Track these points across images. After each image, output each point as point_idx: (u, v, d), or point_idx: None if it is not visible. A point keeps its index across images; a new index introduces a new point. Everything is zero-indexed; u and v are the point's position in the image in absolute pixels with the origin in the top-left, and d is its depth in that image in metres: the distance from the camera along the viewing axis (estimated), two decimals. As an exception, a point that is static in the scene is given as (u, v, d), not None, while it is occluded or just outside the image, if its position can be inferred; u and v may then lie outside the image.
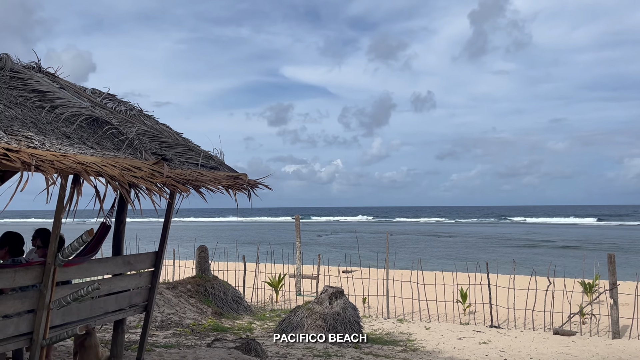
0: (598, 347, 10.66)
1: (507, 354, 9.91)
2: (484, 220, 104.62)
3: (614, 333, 11.73)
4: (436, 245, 44.89)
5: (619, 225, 79.51)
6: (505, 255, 33.02)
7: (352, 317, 10.42)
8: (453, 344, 10.77)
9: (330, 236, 57.17)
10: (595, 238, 51.30)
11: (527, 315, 13.06)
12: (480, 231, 66.13)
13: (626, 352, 10.28)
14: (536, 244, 45.70)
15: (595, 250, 30.28)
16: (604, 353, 10.15)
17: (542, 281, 13.37)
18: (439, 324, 12.88)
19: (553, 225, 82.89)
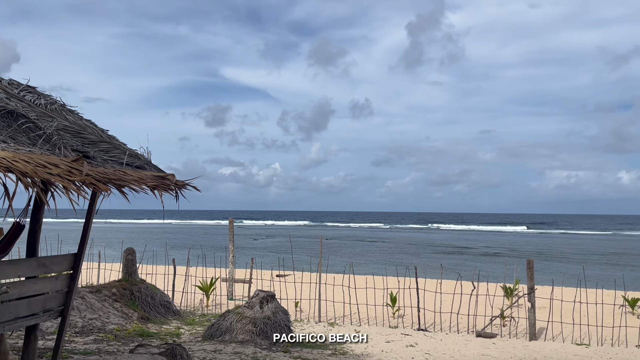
0: (516, 349, 11.20)
1: (432, 356, 10.21)
2: (416, 226, 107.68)
3: (531, 335, 12.37)
4: (370, 250, 45.69)
5: (541, 233, 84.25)
6: (434, 260, 34.10)
7: (283, 321, 10.38)
8: (381, 347, 10.96)
9: (265, 240, 56.82)
10: (519, 245, 54.05)
11: (452, 318, 13.52)
12: (412, 237, 68.00)
13: (541, 353, 10.86)
14: (463, 250, 47.53)
15: (518, 257, 31.89)
16: (521, 354, 10.68)
17: (467, 285, 13.90)
18: (368, 327, 13.08)
19: (481, 232, 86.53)
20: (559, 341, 12.22)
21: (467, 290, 13.60)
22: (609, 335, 12.38)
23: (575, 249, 48.57)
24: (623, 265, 34.17)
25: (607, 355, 10.78)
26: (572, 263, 34.63)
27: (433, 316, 13.90)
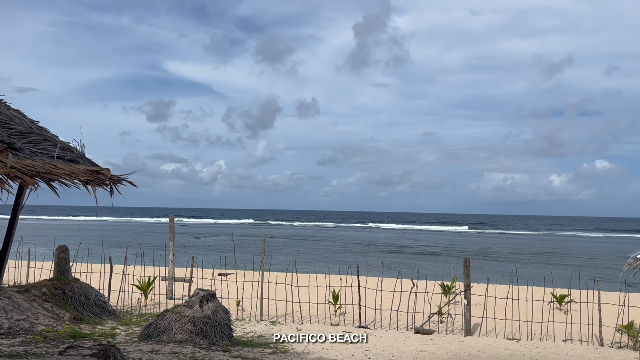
0: (452, 344, 11.56)
1: (372, 353, 10.37)
2: (360, 225, 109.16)
3: (467, 331, 12.80)
4: (313, 249, 45.88)
5: (479, 233, 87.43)
6: (376, 258, 34.65)
7: (223, 320, 10.23)
8: (322, 344, 11.02)
9: (208, 238, 55.89)
10: (457, 244, 55.84)
11: (392, 315, 13.79)
12: (355, 235, 68.87)
13: (475, 348, 11.26)
14: (404, 249, 48.61)
15: (456, 256, 32.88)
16: (456, 349, 11.03)
17: (407, 283, 14.22)
18: (310, 325, 13.12)
19: (422, 231, 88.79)
20: (492, 336, 12.71)
21: (407, 288, 13.91)
22: (538, 330, 13.01)
23: (510, 249, 50.74)
24: (553, 264, 36.00)
25: (536, 349, 11.32)
26: (506, 262, 36.13)
27: (374, 313, 14.12)
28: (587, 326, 12.88)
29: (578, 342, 12.29)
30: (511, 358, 10.39)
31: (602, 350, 11.50)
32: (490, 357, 10.43)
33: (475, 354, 10.63)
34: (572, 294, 15.78)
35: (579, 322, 13.21)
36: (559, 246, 55.68)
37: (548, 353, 10.97)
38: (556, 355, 10.71)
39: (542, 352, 11.03)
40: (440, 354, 10.51)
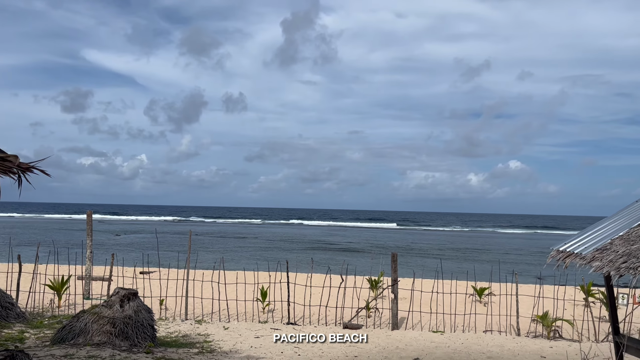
0: (380, 338, 11.68)
1: (301, 350, 10.23)
2: (288, 221, 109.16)
3: (394, 325, 12.99)
4: (241, 246, 45.23)
5: (404, 230, 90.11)
6: (305, 255, 34.67)
7: (146, 320, 9.70)
8: (250, 342, 10.76)
9: (129, 236, 53.59)
10: (385, 240, 57.17)
11: (321, 311, 13.75)
12: (283, 232, 68.76)
13: (402, 341, 11.44)
14: (333, 245, 49.12)
15: (384, 253, 33.48)
16: (384, 344, 11.14)
17: (336, 279, 14.23)
18: (237, 324, 12.80)
19: (349, 228, 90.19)
20: (417, 329, 12.99)
21: (336, 283, 13.92)
22: (461, 322, 13.45)
23: (433, 245, 52.68)
24: (473, 259, 37.71)
25: (459, 341, 11.68)
26: (430, 257, 37.42)
27: (302, 310, 14.02)
28: (506, 317, 13.47)
29: (497, 332, 12.82)
30: (436, 350, 10.63)
31: (520, 339, 12.07)
32: (416, 350, 10.62)
33: (403, 348, 10.79)
34: (492, 287, 16.51)
35: (498, 313, 13.81)
36: (478, 242, 58.54)
37: (470, 344, 11.34)
38: (478, 346, 11.10)
39: (465, 343, 11.39)
40: (369, 349, 10.56)
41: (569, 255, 5.58)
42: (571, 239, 5.99)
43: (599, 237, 5.66)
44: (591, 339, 12.32)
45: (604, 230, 5.79)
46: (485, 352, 10.40)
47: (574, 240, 5.95)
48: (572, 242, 5.91)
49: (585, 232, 5.98)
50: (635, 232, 5.28)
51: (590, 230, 5.97)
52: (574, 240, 5.93)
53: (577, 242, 5.87)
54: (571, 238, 6.01)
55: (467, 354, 10.25)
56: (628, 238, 5.23)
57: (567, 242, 5.96)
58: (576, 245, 5.75)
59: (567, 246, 5.86)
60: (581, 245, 5.71)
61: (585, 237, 5.86)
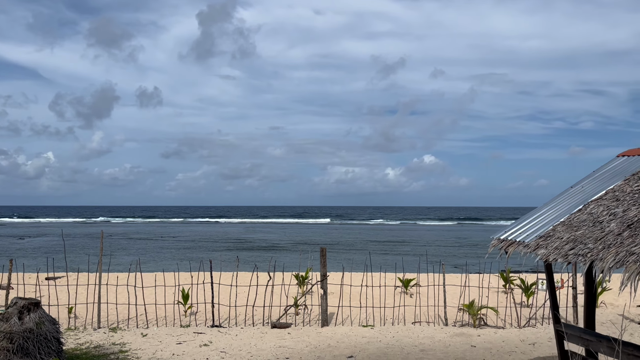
0: (310, 336, 11.25)
1: (228, 354, 9.57)
2: (210, 220, 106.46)
3: (323, 321, 12.62)
4: (160, 247, 43.23)
5: (326, 224, 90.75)
6: (229, 253, 33.68)
7: (50, 333, 8.59)
8: (172, 349, 9.94)
9: (34, 239, 49.61)
10: (309, 235, 57.08)
11: (248, 311, 13.11)
12: (205, 231, 66.80)
13: (334, 338, 11.08)
14: (257, 242, 48.27)
15: (311, 247, 33.24)
16: (315, 342, 10.73)
17: (264, 277, 13.64)
18: (157, 329, 11.87)
19: (274, 224, 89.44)
20: (347, 325, 12.69)
21: (263, 281, 13.33)
22: (390, 315, 13.33)
23: (358, 239, 53.28)
24: (397, 251, 38.44)
25: (390, 334, 11.51)
26: (357, 251, 37.67)
27: (228, 311, 13.30)
28: (434, 308, 13.55)
29: (426, 323, 12.82)
30: (368, 345, 10.37)
31: (448, 329, 12.11)
32: (349, 346, 10.30)
33: (335, 345, 10.42)
34: (419, 278, 16.64)
35: (426, 304, 13.84)
36: (400, 235, 60.04)
37: (401, 337, 11.20)
38: (409, 339, 10.97)
39: (396, 337, 11.23)
40: (300, 348, 10.09)
41: (511, 244, 5.41)
42: (510, 228, 5.85)
43: (539, 225, 5.54)
44: (514, 325, 12.63)
45: (542, 218, 5.69)
46: (417, 345, 10.28)
47: (513, 228, 5.80)
48: (512, 230, 5.76)
49: (523, 220, 5.86)
50: (577, 217, 5.20)
51: (528, 218, 5.86)
52: (514, 229, 5.79)
53: (516, 230, 5.72)
54: (509, 226, 5.87)
55: (400, 348, 10.07)
56: (570, 224, 5.13)
57: (506, 230, 5.81)
58: (517, 234, 5.60)
59: (507, 235, 5.71)
60: (522, 233, 5.56)
61: (525, 225, 5.73)
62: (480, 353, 9.57)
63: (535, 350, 9.79)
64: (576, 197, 5.79)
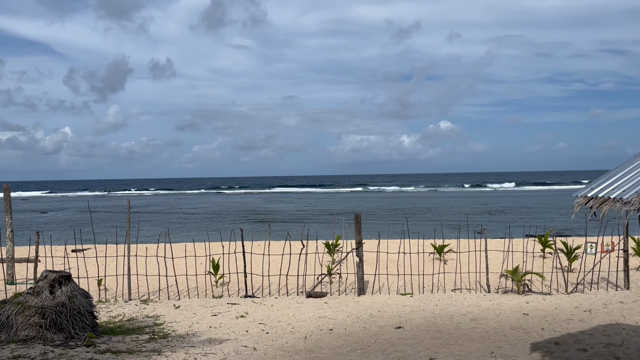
0: (349, 306, 10.77)
1: (268, 326, 9.13)
2: (227, 192, 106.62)
3: (360, 290, 12.13)
4: (183, 218, 43.16)
5: (346, 192, 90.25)
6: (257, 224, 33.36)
7: (83, 307, 8.21)
8: (208, 322, 9.54)
9: (57, 213, 49.99)
10: (335, 204, 56.62)
11: (281, 280, 12.68)
12: (224, 202, 66.76)
13: (374, 307, 10.59)
14: (283, 212, 47.99)
15: (337, 217, 32.76)
16: (355, 311, 10.24)
17: (296, 245, 13.15)
18: (189, 301, 11.51)
19: (293, 194, 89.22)
20: (384, 293, 12.19)
21: (295, 250, 12.84)
22: (427, 283, 12.79)
23: (384, 206, 52.70)
24: (425, 219, 37.81)
25: (432, 303, 10.97)
26: (384, 219, 37.11)
27: (261, 280, 12.89)
28: (475, 274, 12.97)
29: (466, 291, 12.27)
30: (413, 315, 9.85)
31: (492, 297, 11.54)
32: (392, 316, 9.79)
33: (377, 315, 9.92)
34: (454, 245, 16.06)
35: (465, 271, 13.25)
36: (423, 202, 59.29)
37: (445, 305, 10.66)
38: (454, 307, 10.43)
39: (439, 305, 10.70)
40: (341, 319, 9.61)
41: (605, 202, 4.72)
42: (597, 184, 5.15)
43: (634, 180, 4.84)
44: (560, 291, 12.01)
45: (636, 173, 4.98)
46: (465, 314, 9.72)
47: (602, 184, 5.10)
48: (602, 186, 5.07)
49: (613, 174, 5.15)
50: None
51: (619, 172, 5.15)
52: (603, 184, 5.09)
53: (607, 186, 5.03)
54: (596, 183, 5.17)
55: (449, 317, 9.53)
56: (681, 176, 4.43)
57: (593, 187, 5.11)
58: (609, 190, 4.91)
59: (595, 192, 5.01)
60: (616, 189, 4.87)
61: (617, 180, 5.03)
62: (536, 322, 8.98)
63: (594, 318, 9.18)
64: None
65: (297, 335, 8.40)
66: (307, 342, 8.00)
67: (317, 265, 13.20)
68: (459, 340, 7.85)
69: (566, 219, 33.93)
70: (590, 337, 7.92)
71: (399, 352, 7.24)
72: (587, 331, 8.27)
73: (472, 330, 8.46)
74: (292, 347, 7.75)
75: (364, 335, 8.30)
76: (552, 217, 35.38)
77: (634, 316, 9.39)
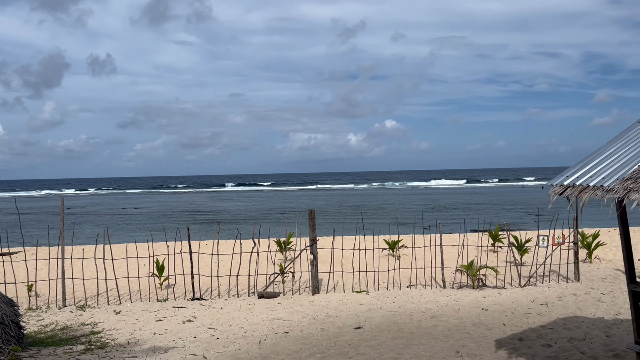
0: (303, 306, 10.28)
1: (218, 331, 8.48)
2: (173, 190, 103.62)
3: (314, 289, 11.65)
4: (125, 218, 41.28)
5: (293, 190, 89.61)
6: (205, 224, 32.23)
7: (7, 317, 7.29)
8: (152, 328, 8.78)
9: (-13, 214, 46.65)
10: (287, 202, 55.86)
11: (231, 281, 12.02)
12: (169, 201, 64.67)
13: (330, 307, 10.13)
14: (228, 211, 46.85)
15: (296, 211, 31.98)
16: (311, 311, 9.75)
17: (247, 244, 12.52)
18: (131, 305, 10.66)
19: (241, 192, 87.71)
20: (339, 291, 11.77)
21: (247, 249, 12.22)
22: (382, 280, 12.48)
23: (330, 204, 52.48)
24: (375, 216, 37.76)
25: (389, 300, 10.65)
26: (334, 216, 36.80)
27: (209, 281, 12.18)
28: (430, 270, 12.77)
29: (422, 286, 12.04)
30: (371, 313, 9.46)
31: (448, 292, 11.35)
32: (350, 315, 9.36)
33: (334, 314, 9.47)
34: (405, 240, 15.86)
35: (421, 266, 13.04)
36: (373, 199, 59.60)
37: (403, 302, 10.35)
38: (412, 304, 10.13)
39: (397, 302, 10.37)
40: (297, 320, 9.09)
41: (584, 190, 4.44)
42: (572, 172, 4.87)
43: (615, 166, 4.60)
44: (514, 285, 11.98)
45: (616, 158, 4.74)
46: (424, 311, 9.43)
47: (578, 172, 4.83)
48: (578, 174, 4.79)
49: (589, 162, 4.89)
50: (671, 153, 4.28)
51: (594, 159, 4.90)
52: (579, 172, 4.82)
53: (584, 173, 4.76)
54: (571, 171, 4.89)
55: (408, 315, 9.19)
56: (665, 161, 4.20)
57: (568, 175, 4.83)
58: (586, 178, 4.64)
59: (572, 180, 4.73)
60: (594, 176, 4.60)
61: (594, 167, 4.78)
62: (496, 317, 8.79)
63: (551, 311, 9.10)
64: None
65: (250, 340, 7.80)
66: (261, 347, 7.42)
67: (269, 265, 12.62)
68: (422, 339, 7.50)
69: (511, 214, 34.86)
70: (552, 331, 7.77)
71: (361, 355, 6.80)
72: (548, 325, 8.14)
73: (434, 328, 8.14)
74: (245, 353, 7.16)
75: (322, 338, 7.81)
76: (496, 212, 36.26)
77: (589, 308, 9.39)
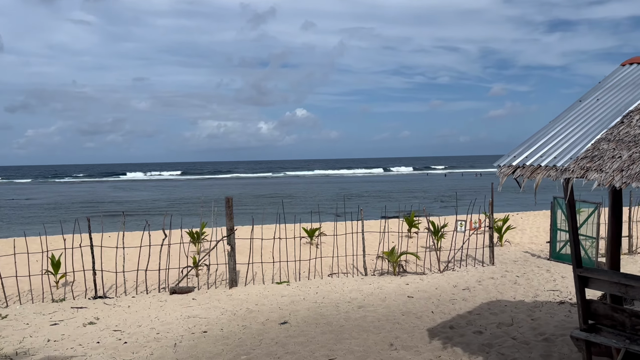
0: (221, 301, 9.55)
1: (126, 334, 7.53)
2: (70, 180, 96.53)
3: (232, 281, 10.93)
4: (14, 210, 37.50)
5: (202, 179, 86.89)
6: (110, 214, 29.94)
7: None
8: (46, 334, 7.64)
9: None
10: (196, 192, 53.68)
11: (139, 276, 10.95)
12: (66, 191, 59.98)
13: (249, 300, 9.50)
14: (135, 201, 44.22)
15: (208, 201, 30.52)
16: (229, 307, 9.05)
17: (156, 236, 11.50)
18: (21, 308, 9.33)
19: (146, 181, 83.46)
20: (259, 283, 11.16)
21: (157, 241, 11.20)
22: (301, 269, 12.01)
23: (243, 193, 51.25)
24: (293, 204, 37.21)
25: (311, 290, 10.21)
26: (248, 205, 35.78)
27: (113, 277, 11.04)
28: (351, 257, 12.51)
29: (343, 275, 11.75)
30: (295, 305, 8.94)
31: (370, 279, 11.13)
32: (273, 309, 8.78)
33: (255, 309, 8.83)
34: (324, 228, 15.55)
35: (343, 254, 12.75)
36: (292, 188, 59.09)
37: (326, 292, 9.95)
38: (337, 294, 9.75)
39: (320, 292, 9.96)
40: (215, 317, 8.35)
41: (536, 170, 4.16)
42: (519, 152, 4.59)
43: (565, 145, 4.38)
44: (433, 270, 12.03)
45: (564, 137, 4.53)
46: (350, 301, 9.07)
47: (525, 152, 4.55)
48: (526, 154, 4.51)
49: (535, 141, 4.63)
50: (624, 131, 4.11)
51: (541, 139, 4.65)
52: (527, 152, 4.54)
53: (532, 153, 4.49)
54: (517, 151, 4.61)
55: (334, 306, 8.78)
56: (619, 140, 4.02)
57: (515, 156, 4.54)
58: (536, 158, 4.37)
59: (520, 160, 4.45)
60: (544, 156, 4.35)
61: (542, 147, 4.53)
62: (423, 304, 8.62)
63: (475, 296, 9.11)
64: (602, 110, 4.73)
65: (164, 343, 6.97)
66: (177, 351, 6.63)
67: (182, 258, 11.69)
68: (353, 332, 7.10)
69: (420, 201, 35.93)
70: (479, 317, 7.70)
71: (291, 355, 6.25)
72: (475, 311, 8.09)
73: (363, 319, 7.79)
74: (159, 359, 6.34)
75: (245, 336, 7.16)
76: (406, 199, 37.26)
77: (508, 291, 9.54)
